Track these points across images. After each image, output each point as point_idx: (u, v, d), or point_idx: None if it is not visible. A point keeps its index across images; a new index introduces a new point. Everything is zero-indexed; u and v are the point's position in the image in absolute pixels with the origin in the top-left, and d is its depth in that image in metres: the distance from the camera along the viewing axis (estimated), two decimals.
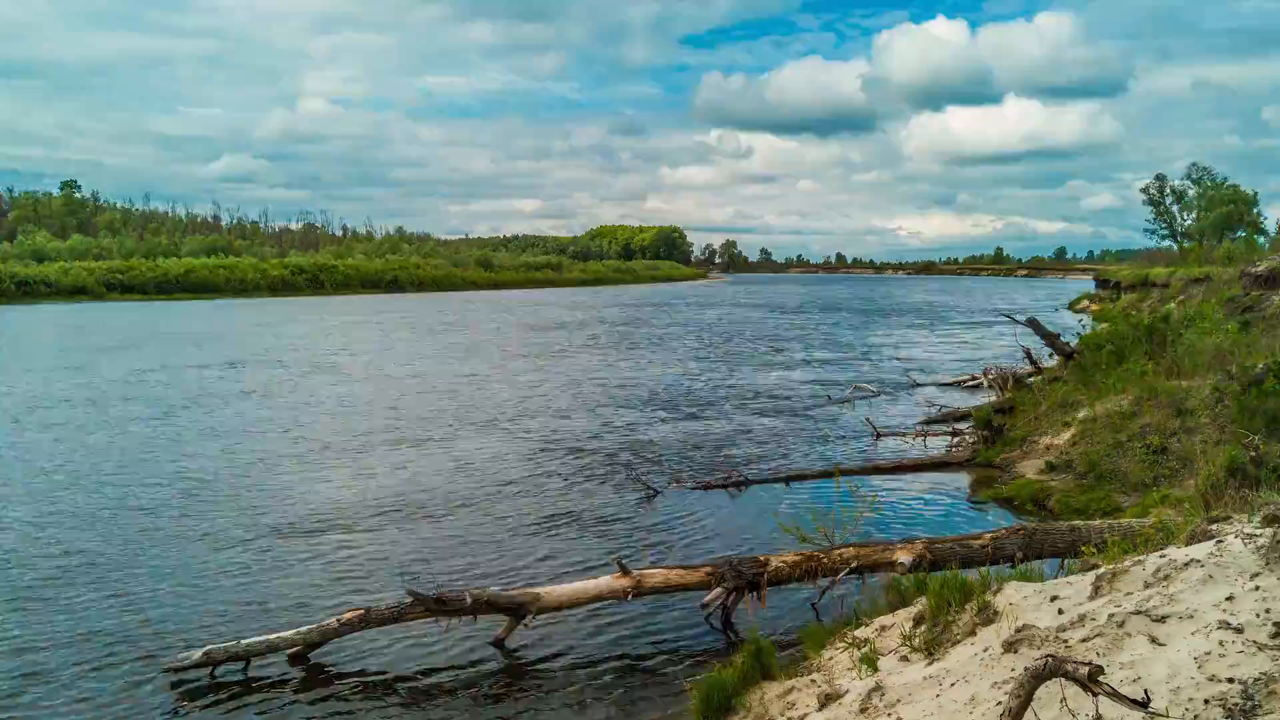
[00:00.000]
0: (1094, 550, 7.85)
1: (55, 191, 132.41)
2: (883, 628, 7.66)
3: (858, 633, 7.81)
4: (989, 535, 10.21)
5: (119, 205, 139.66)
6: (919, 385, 29.98)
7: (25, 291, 79.67)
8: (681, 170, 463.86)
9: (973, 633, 6.27)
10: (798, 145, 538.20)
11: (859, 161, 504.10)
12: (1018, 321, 22.41)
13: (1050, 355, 23.18)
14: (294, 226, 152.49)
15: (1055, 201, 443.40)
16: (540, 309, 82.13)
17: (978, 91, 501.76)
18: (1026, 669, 3.84)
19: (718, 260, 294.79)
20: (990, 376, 25.49)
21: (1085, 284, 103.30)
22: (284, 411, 24.09)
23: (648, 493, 15.74)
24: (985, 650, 5.72)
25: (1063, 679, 3.79)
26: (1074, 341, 22.02)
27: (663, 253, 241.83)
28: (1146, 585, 5.49)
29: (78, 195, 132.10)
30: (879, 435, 20.81)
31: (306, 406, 25.06)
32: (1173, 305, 34.24)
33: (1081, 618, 5.37)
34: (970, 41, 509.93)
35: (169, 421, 22.32)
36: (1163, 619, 4.83)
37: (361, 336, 50.56)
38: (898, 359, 38.62)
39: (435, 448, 19.50)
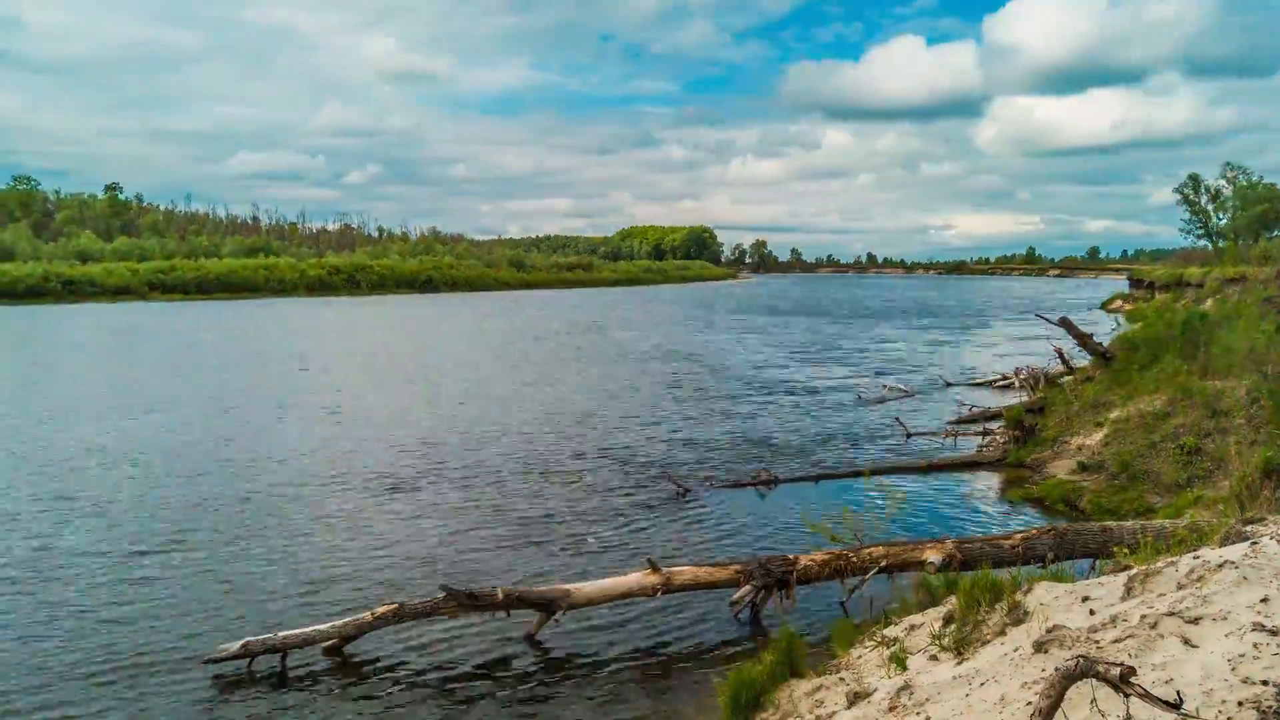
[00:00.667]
0: (1126, 551, 7.79)
1: (99, 193, 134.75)
2: (912, 627, 7.65)
3: (887, 631, 7.81)
4: (1020, 535, 10.17)
5: (161, 207, 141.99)
6: (950, 385, 29.78)
7: (71, 291, 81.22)
8: (735, 165, 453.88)
9: (1003, 632, 6.25)
10: (870, 137, 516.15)
11: (935, 152, 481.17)
12: (1050, 321, 22.19)
13: (1081, 354, 22.93)
14: (331, 227, 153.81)
15: (1118, 198, 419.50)
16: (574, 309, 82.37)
17: (1102, 71, 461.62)
18: (1057, 669, 3.84)
19: (748, 260, 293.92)
20: (1021, 376, 25.28)
21: (1119, 284, 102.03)
22: (331, 408, 24.38)
23: (678, 490, 15.78)
24: (1015, 650, 5.71)
25: (1094, 680, 3.79)
26: (1106, 342, 21.81)
27: (693, 253, 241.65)
28: (1179, 586, 5.46)
29: (121, 197, 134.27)
30: (909, 435, 20.71)
31: (355, 404, 25.32)
32: (1208, 305, 33.76)
33: (1113, 618, 5.35)
34: (1104, 12, 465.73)
35: (221, 418, 22.66)
36: (1196, 620, 4.81)
37: (411, 334, 51.01)
38: (925, 351, 38.40)
39: (470, 446, 19.65)
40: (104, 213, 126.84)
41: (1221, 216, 77.74)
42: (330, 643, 9.12)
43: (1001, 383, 28.73)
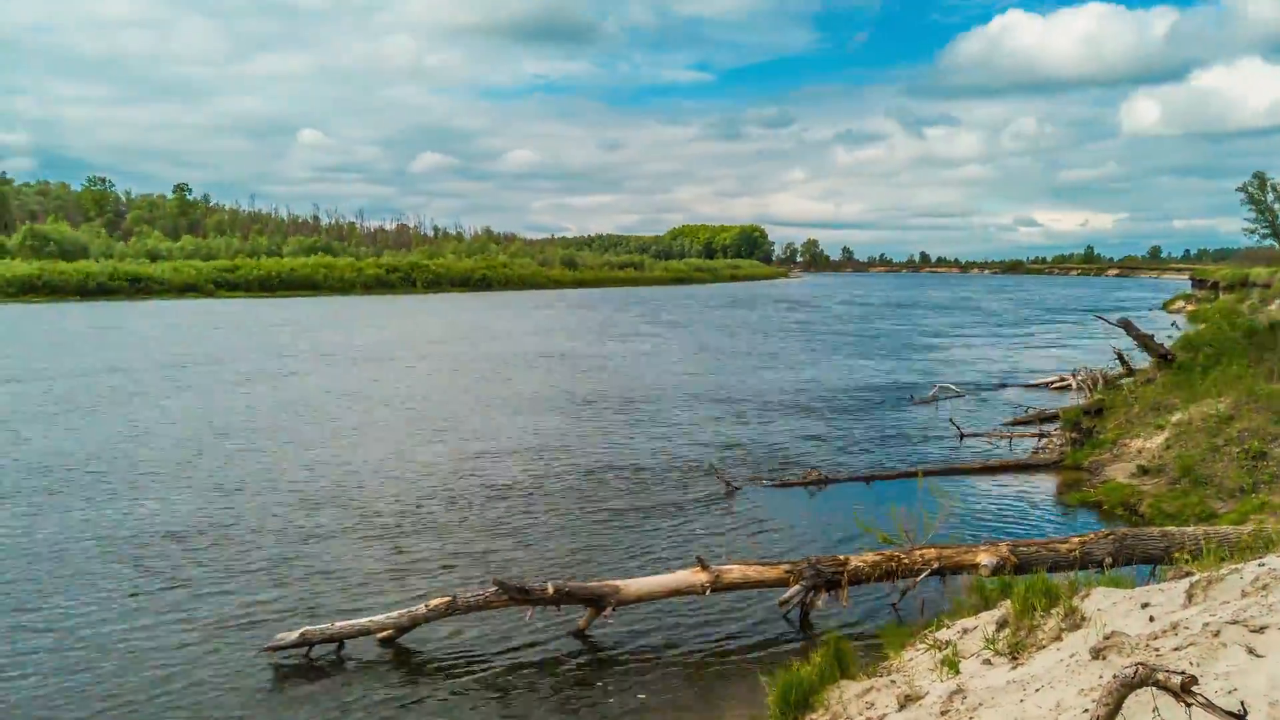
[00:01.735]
0: (1188, 557, 7.63)
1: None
2: (965, 630, 7.56)
3: (939, 634, 7.73)
4: (1077, 539, 9.99)
5: (226, 206, 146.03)
6: (1005, 385, 29.32)
7: (139, 289, 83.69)
8: (815, 160, 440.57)
9: (1059, 638, 6.16)
10: (1000, 124, 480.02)
11: (1064, 138, 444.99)
12: (1110, 322, 21.72)
13: (1144, 355, 22.43)
14: (388, 227, 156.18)
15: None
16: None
17: None
18: (1116, 676, 3.80)
19: (799, 259, 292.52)
20: (1079, 378, 24.81)
21: (1181, 284, 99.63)
22: (388, 402, 24.77)
23: (727, 489, 15.77)
24: (1072, 656, 5.63)
25: (1154, 688, 3.73)
26: (1168, 343, 21.31)
27: (744, 251, 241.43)
28: (1244, 594, 5.34)
29: (189, 197, 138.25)
30: (963, 435, 20.45)
31: (413, 399, 25.70)
32: (1275, 306, 32.78)
33: (1174, 626, 5.25)
34: None
35: (280, 410, 23.18)
36: (1261, 629, 4.70)
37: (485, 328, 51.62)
38: (983, 358, 37.83)
39: (521, 442, 19.84)
40: (172, 212, 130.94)
41: None
42: (386, 633, 9.31)
43: (1058, 384, 28.20)
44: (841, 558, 10.11)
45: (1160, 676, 3.64)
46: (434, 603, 9.31)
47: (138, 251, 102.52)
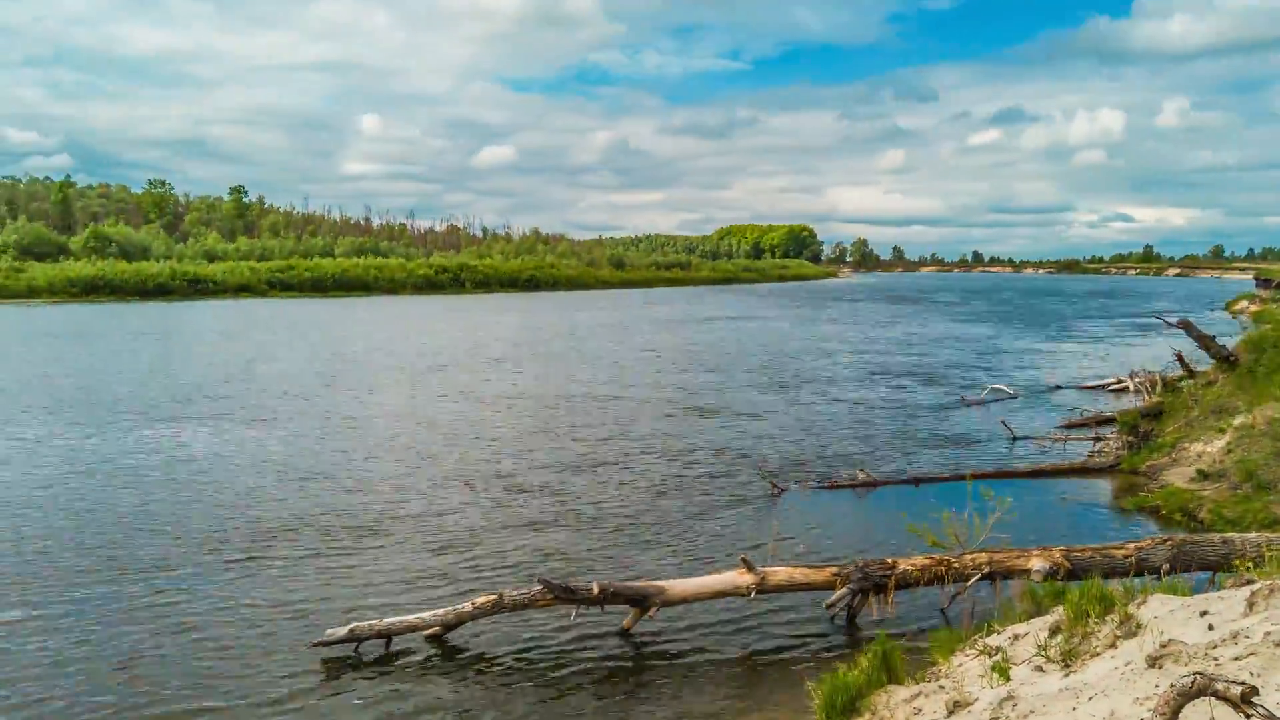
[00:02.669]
0: (1249, 565, 7.41)
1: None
2: (1016, 636, 7.42)
3: (989, 640, 7.60)
4: (1133, 545, 9.77)
5: (280, 208, 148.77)
6: (1060, 387, 28.77)
7: (197, 289, 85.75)
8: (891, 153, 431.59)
9: (1113, 645, 6.03)
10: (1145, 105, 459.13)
11: (1195, 119, 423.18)
12: (1170, 323, 21.20)
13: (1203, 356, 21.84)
14: (438, 228, 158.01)
15: None
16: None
17: None
18: (1173, 686, 3.71)
19: (848, 259, 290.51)
20: (1137, 380, 24.27)
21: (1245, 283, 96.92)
22: (439, 402, 25.07)
23: (773, 491, 15.68)
24: (1127, 664, 5.50)
25: (1212, 698, 3.64)
26: (1230, 344, 20.74)
27: (792, 251, 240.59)
28: None
29: (245, 200, 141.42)
30: (1015, 438, 20.11)
31: (462, 398, 25.98)
32: None
33: (1234, 635, 5.11)
34: None
35: (329, 410, 23.56)
36: None
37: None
38: (1036, 359, 37.18)
39: (568, 442, 19.93)
40: (229, 214, 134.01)
41: None
42: (433, 630, 9.40)
43: (1115, 386, 27.60)
44: (890, 561, 10.00)
45: (1219, 687, 3.55)
46: (480, 601, 9.39)
47: (196, 252, 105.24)
